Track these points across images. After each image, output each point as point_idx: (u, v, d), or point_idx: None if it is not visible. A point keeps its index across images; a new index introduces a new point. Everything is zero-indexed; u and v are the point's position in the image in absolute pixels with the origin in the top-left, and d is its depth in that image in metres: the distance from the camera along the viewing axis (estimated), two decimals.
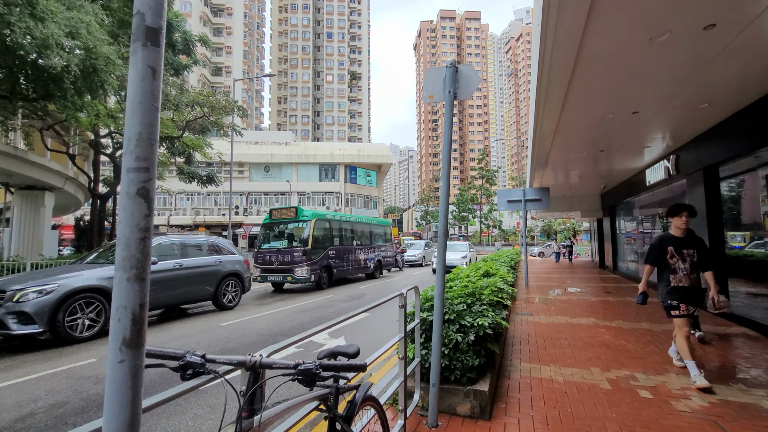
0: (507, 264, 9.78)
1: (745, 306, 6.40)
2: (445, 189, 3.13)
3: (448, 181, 3.13)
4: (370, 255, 15.38)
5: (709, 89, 5.17)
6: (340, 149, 45.87)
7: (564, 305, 8.27)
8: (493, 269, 6.21)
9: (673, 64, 4.43)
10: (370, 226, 15.97)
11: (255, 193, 44.47)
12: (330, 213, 13.28)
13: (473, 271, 5.71)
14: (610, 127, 6.77)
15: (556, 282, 12.74)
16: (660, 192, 9.88)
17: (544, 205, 11.42)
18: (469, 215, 65.02)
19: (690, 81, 4.85)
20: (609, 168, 10.85)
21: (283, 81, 75.41)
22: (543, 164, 10.13)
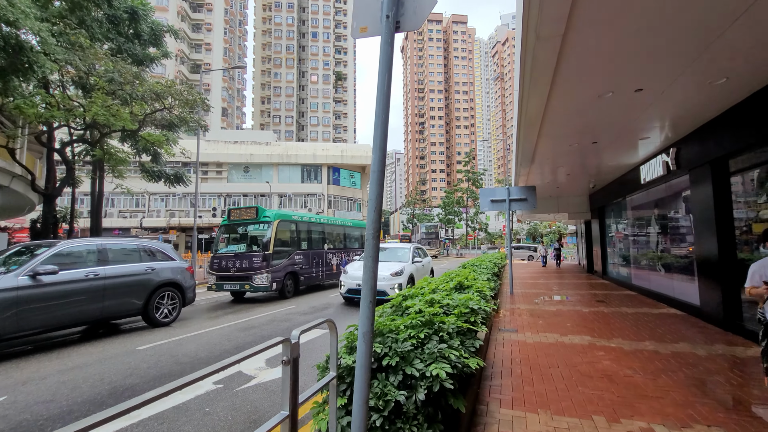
0: (489, 270, 8.71)
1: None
2: (379, 161, 1.99)
3: (382, 150, 1.98)
4: (344, 259, 14.17)
5: (729, 61, 4.17)
6: (323, 150, 44.59)
7: (553, 318, 7.22)
8: (469, 279, 5.10)
9: (693, 19, 3.40)
10: (344, 228, 14.77)
11: (234, 195, 42.81)
12: (297, 214, 12.04)
13: (444, 283, 4.58)
14: (607, 110, 5.75)
15: (544, 289, 11.75)
16: (656, 190, 8.96)
17: (530, 206, 10.42)
18: (455, 218, 64.30)
19: (710, 47, 3.84)
20: (600, 164, 9.91)
21: (267, 81, 73.76)
22: (529, 159, 9.11)
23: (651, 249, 9.55)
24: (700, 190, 6.71)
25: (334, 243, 13.97)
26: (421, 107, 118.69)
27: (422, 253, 13.11)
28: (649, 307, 8.31)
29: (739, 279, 5.98)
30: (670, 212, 8.50)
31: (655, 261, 9.22)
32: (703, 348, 5.16)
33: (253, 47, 76.64)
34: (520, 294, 10.58)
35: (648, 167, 8.78)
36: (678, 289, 8.01)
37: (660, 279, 9.00)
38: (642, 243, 10.30)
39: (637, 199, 10.40)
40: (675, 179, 7.87)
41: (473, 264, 9.26)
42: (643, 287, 10.13)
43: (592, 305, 8.64)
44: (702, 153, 6.60)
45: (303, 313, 8.67)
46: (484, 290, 4.59)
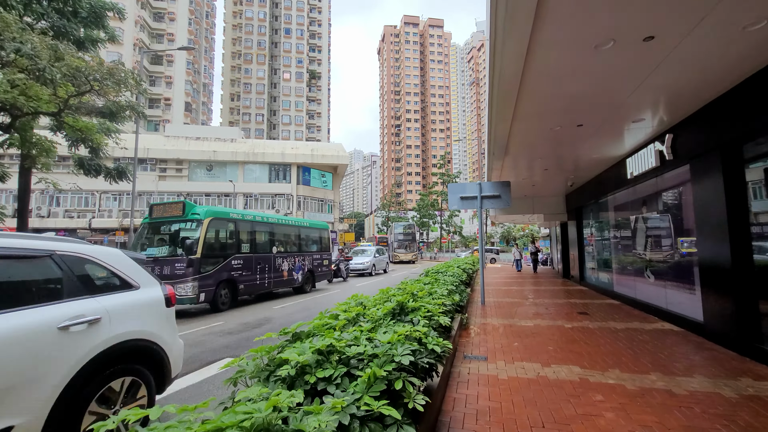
0: (457, 278, 7.32)
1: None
2: None
3: None
4: (298, 264, 12.51)
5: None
6: (292, 148, 42.61)
7: (532, 338, 5.87)
8: (420, 296, 3.64)
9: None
10: (298, 228, 13.10)
11: (195, 194, 40.11)
12: (237, 211, 10.31)
13: (377, 304, 3.09)
14: (604, 71, 4.46)
15: (518, 297, 10.50)
16: (646, 186, 7.84)
17: (504, 203, 9.15)
18: (429, 221, 63.45)
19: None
20: (581, 157, 8.76)
21: (237, 77, 70.92)
22: (503, 148, 7.81)
23: (637, 253, 8.45)
24: (704, 182, 5.54)
25: (286, 246, 12.28)
26: (398, 110, 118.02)
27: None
28: (638, 320, 7.13)
29: (759, 290, 4.84)
30: (663, 211, 7.38)
31: (643, 267, 8.11)
32: (727, 385, 3.90)
33: (223, 42, 73.59)
34: (492, 304, 9.27)
35: (636, 159, 7.65)
36: (672, 301, 6.86)
37: (648, 287, 7.88)
38: (626, 246, 9.21)
39: (622, 198, 9.31)
40: (670, 172, 6.73)
41: (438, 270, 7.85)
42: (627, 296, 9.02)
43: (575, 318, 7.39)
44: (708, 138, 5.43)
45: (227, 332, 6.98)
46: (437, 315, 3.11)
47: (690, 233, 6.31)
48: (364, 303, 3.14)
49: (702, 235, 5.65)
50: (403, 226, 39.94)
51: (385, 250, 26.31)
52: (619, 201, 9.53)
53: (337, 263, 17.77)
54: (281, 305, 10.26)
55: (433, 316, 3.06)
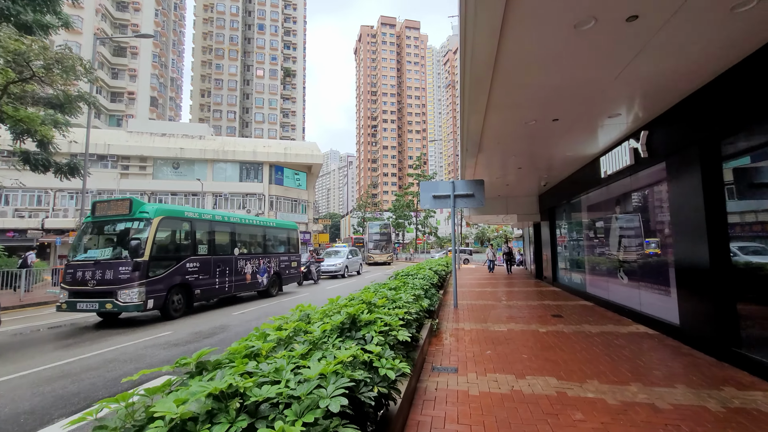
0: (428, 281, 6.89)
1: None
2: None
3: None
4: (263, 267, 11.78)
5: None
6: (264, 146, 41.39)
7: (505, 345, 5.49)
8: (378, 306, 3.14)
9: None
10: (264, 229, 12.35)
11: (160, 193, 38.25)
12: (193, 210, 9.50)
13: (325, 317, 2.57)
14: (581, 56, 4.11)
15: (492, 299, 10.21)
16: (619, 185, 7.68)
17: (478, 202, 8.83)
18: (405, 222, 63.32)
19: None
20: (555, 156, 8.54)
21: (207, 72, 68.49)
22: (476, 144, 7.45)
23: (610, 254, 8.30)
24: (681, 180, 5.33)
25: (249, 247, 11.53)
26: (374, 110, 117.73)
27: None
28: (613, 323, 6.92)
29: (737, 291, 4.64)
30: (636, 211, 7.21)
31: (616, 268, 7.94)
32: (711, 396, 3.62)
33: (193, 36, 70.94)
34: (465, 307, 8.91)
35: (610, 158, 7.46)
36: (647, 302, 6.68)
37: (622, 289, 7.71)
38: (599, 247, 9.08)
39: (595, 197, 9.17)
40: (645, 170, 6.55)
41: (408, 273, 7.41)
42: (600, 297, 8.87)
43: (549, 322, 7.10)
44: (685, 134, 5.23)
45: (173, 344, 6.26)
46: (396, 329, 2.62)
47: (664, 233, 6.13)
48: (309, 315, 2.61)
49: (678, 235, 5.45)
50: (379, 226, 38.36)
51: (359, 251, 25.71)
52: (592, 201, 9.40)
53: (307, 265, 17.08)
54: (242, 311, 9.53)
55: (392, 330, 2.57)
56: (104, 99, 45.75)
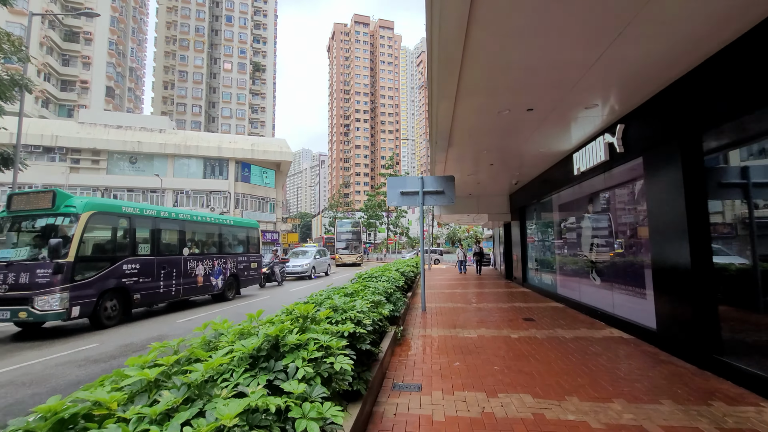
0: (391, 285, 6.30)
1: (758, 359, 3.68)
2: None
3: None
4: (217, 268, 10.81)
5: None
6: (230, 142, 39.63)
7: (475, 355, 4.98)
8: (318, 320, 2.52)
9: None
10: (219, 227, 11.37)
11: (115, 189, 35.84)
12: (133, 204, 8.46)
13: (236, 339, 1.90)
14: (563, 36, 3.64)
15: (461, 302, 9.77)
16: (592, 183, 7.40)
17: (448, 200, 8.35)
18: (377, 222, 62.81)
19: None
20: (528, 152, 8.18)
21: (171, 64, 65.21)
22: (446, 137, 6.94)
23: (582, 254, 8.03)
24: (660, 176, 5.01)
25: (202, 247, 10.55)
26: (347, 109, 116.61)
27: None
28: (586, 326, 6.59)
29: (718, 294, 4.34)
30: (610, 209, 6.93)
31: (588, 268, 7.67)
32: (702, 414, 3.21)
33: (156, 24, 67.41)
34: (434, 311, 8.40)
35: (584, 154, 7.16)
36: (621, 305, 6.39)
37: (594, 290, 7.43)
38: (570, 247, 8.82)
39: (567, 196, 8.91)
40: (620, 166, 6.25)
41: (372, 275, 6.80)
42: (571, 299, 8.60)
43: (521, 326, 6.69)
44: (664, 127, 4.91)
45: (93, 360, 5.34)
46: (335, 353, 1.98)
47: (639, 233, 5.84)
48: (220, 334, 1.94)
49: (656, 235, 5.13)
50: (349, 224, 35.96)
51: (328, 251, 24.86)
52: (564, 199, 9.14)
53: (270, 266, 16.13)
54: (189, 317, 8.59)
55: (329, 356, 1.93)
56: (53, 87, 42.36)
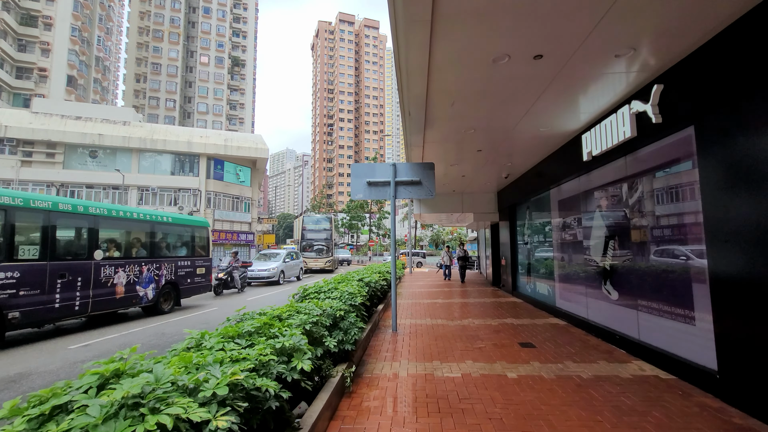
0: (344, 304, 4.56)
1: None
2: None
3: None
4: (147, 275, 8.85)
5: None
6: (201, 137, 37.19)
7: (458, 415, 3.25)
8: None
9: None
10: (151, 225, 9.36)
11: (73, 185, 33.07)
12: (14, 194, 6.44)
13: None
14: None
15: (442, 316, 8.09)
16: (608, 171, 5.81)
17: (426, 192, 6.67)
18: (359, 223, 61.04)
19: None
20: (525, 131, 6.58)
21: (144, 55, 62.02)
22: (422, 104, 5.24)
23: (591, 260, 6.46)
24: (726, 152, 3.43)
25: (127, 249, 8.58)
26: (331, 108, 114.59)
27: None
28: (604, 357, 4.98)
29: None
30: (633, 202, 5.35)
31: (600, 278, 6.09)
32: None
33: (128, 14, 64.12)
34: (408, 331, 6.68)
35: (598, 133, 5.58)
36: (651, 330, 4.79)
37: (608, 307, 5.85)
38: (574, 251, 7.25)
39: (569, 189, 7.34)
40: (651, 145, 4.68)
41: (321, 290, 5.04)
42: (574, 314, 7.03)
43: (519, 357, 5.03)
44: (734, 81, 3.33)
45: None
46: None
47: (685, 233, 4.26)
48: None
49: (717, 235, 3.54)
50: (318, 220, 30.52)
51: (300, 253, 22.93)
52: (565, 194, 7.57)
53: (228, 271, 14.16)
54: (87, 342, 6.64)
55: None
56: (7, 74, 39.08)
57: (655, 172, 4.78)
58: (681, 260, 4.29)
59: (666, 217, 4.61)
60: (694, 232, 4.09)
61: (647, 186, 4.97)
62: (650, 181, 4.89)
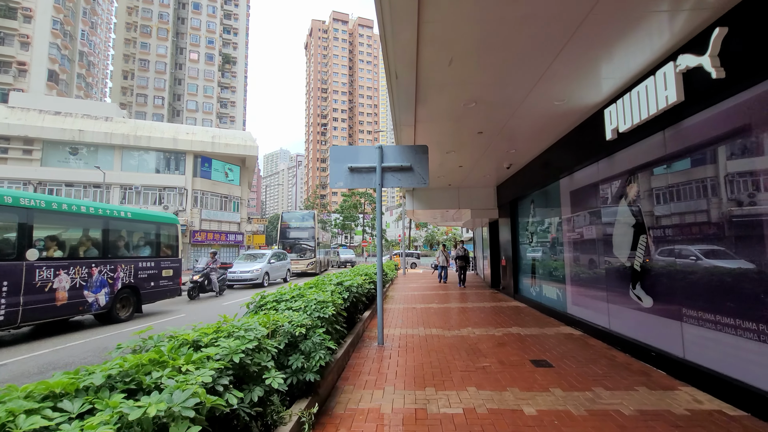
0: (305, 320, 3.47)
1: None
2: None
3: None
4: (98, 278, 7.69)
5: None
6: (188, 133, 35.88)
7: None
8: None
9: None
10: (104, 220, 8.17)
11: (51, 183, 31.63)
12: None
13: None
14: None
15: (438, 325, 7.03)
16: (639, 151, 4.78)
17: (419, 180, 5.62)
18: (352, 224, 59.94)
19: None
20: (535, 108, 5.55)
21: (131, 52, 60.47)
22: (411, 67, 4.18)
23: (613, 258, 5.43)
24: None
25: (73, 248, 7.42)
26: (324, 108, 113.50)
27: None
28: (643, 382, 3.94)
29: None
30: (677, 188, 4.31)
31: (626, 281, 5.06)
32: None
33: (116, 9, 62.56)
34: (396, 345, 5.61)
35: (625, 104, 4.55)
36: (703, 348, 3.76)
37: (639, 316, 4.83)
38: (592, 248, 6.22)
39: (585, 178, 6.32)
40: (704, 111, 3.66)
41: (281, 297, 3.97)
42: (592, 323, 6.00)
43: (535, 382, 3.98)
44: None
45: None
46: None
47: (747, 227, 3.24)
48: None
49: None
50: (296, 217, 27.06)
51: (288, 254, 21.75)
52: (580, 183, 6.54)
53: (205, 273, 12.99)
54: (16, 357, 5.50)
55: None
56: None
57: (707, 148, 3.76)
58: (749, 263, 3.26)
59: (726, 204, 3.58)
60: None
61: (696, 166, 3.95)
62: (702, 159, 3.87)
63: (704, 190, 3.84)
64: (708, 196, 3.79)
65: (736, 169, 3.47)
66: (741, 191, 3.41)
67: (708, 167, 3.78)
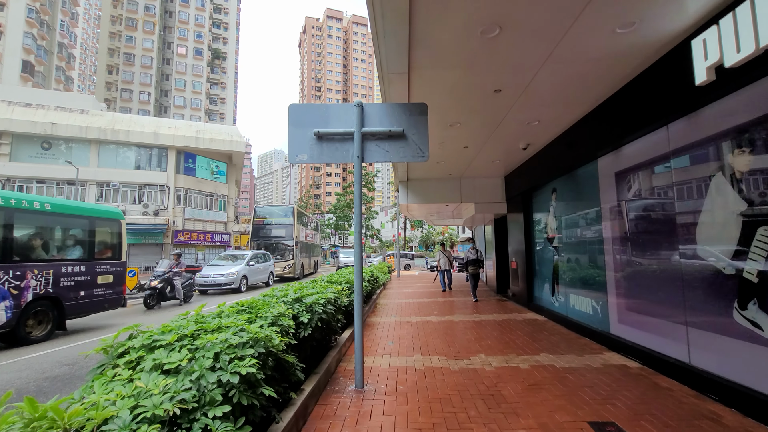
0: (234, 363, 1.63)
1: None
2: None
3: None
4: (9, 285, 5.86)
5: None
6: (170, 128, 33.89)
7: None
8: None
9: None
10: (8, 213, 6.32)
11: (21, 180, 29.56)
12: None
13: None
14: None
15: (438, 350, 5.29)
16: (742, 100, 3.08)
17: (413, 152, 3.91)
18: (346, 223, 58.02)
19: None
20: (584, 38, 3.85)
21: (116, 46, 58.28)
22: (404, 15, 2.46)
23: (704, 261, 3.74)
24: None
25: None
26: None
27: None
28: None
29: None
30: None
31: (730, 296, 3.37)
32: None
33: (100, 2, 60.29)
34: (382, 387, 3.86)
35: (741, 21, 2.85)
36: None
37: (755, 351, 3.12)
38: (655, 246, 4.52)
39: (640, 151, 4.60)
40: None
41: (218, 323, 2.18)
42: (658, 354, 4.30)
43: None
44: None
45: None
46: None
47: None
48: None
49: None
50: (271, 212, 23.89)
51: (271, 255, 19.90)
52: (633, 159, 4.82)
53: (165, 277, 11.15)
54: None
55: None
56: None
57: None
58: None
59: None
60: None
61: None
62: None
63: None
64: None
65: None
66: None
67: None
